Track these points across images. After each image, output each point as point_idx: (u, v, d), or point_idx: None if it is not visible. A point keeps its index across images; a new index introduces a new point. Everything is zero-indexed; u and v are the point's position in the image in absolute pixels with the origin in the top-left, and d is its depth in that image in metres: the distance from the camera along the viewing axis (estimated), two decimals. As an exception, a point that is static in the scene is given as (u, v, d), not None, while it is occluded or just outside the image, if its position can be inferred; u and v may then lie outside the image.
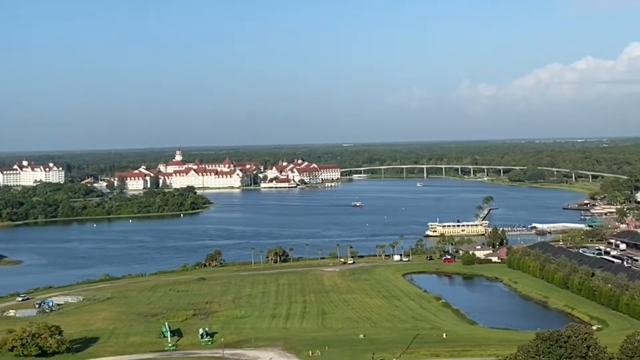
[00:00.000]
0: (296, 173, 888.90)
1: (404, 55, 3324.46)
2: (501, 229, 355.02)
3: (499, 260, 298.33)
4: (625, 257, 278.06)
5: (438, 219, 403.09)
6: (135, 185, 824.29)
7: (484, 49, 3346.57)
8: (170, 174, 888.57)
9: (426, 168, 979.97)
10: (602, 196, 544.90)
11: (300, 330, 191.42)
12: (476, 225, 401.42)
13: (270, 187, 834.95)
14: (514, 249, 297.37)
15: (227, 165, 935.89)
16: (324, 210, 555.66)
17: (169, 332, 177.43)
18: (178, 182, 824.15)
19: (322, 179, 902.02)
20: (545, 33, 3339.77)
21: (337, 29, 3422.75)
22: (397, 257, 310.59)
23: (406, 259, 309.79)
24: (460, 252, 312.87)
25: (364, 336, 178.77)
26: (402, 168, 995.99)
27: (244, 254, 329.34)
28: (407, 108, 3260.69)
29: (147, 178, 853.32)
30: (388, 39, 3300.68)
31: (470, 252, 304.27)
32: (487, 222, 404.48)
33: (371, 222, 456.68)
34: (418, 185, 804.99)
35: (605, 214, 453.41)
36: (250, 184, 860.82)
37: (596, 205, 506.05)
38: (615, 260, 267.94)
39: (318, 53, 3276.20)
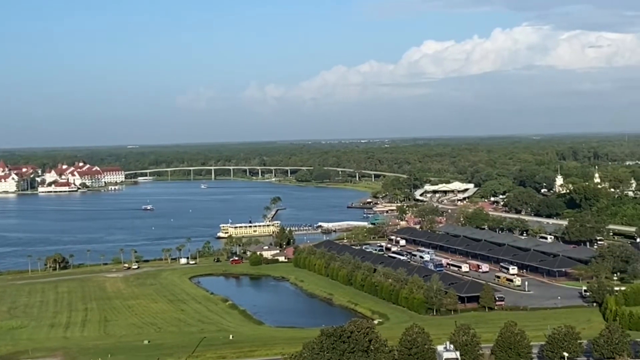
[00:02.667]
0: (77, 176, 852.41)
1: (192, 55, 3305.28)
2: (288, 228, 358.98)
3: (286, 260, 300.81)
4: (405, 253, 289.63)
5: (230, 221, 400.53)
6: None
7: (273, 50, 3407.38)
8: None
9: (214, 170, 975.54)
10: (383, 195, 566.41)
11: (81, 339, 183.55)
12: (268, 225, 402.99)
13: (49, 192, 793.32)
14: (301, 248, 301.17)
15: (1, 169, 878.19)
16: (108, 215, 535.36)
17: None
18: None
19: (105, 182, 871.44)
20: (332, 36, 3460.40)
21: (125, 28, 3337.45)
22: (184, 261, 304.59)
23: (193, 262, 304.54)
24: (248, 253, 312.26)
25: (149, 342, 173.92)
26: (190, 170, 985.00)
27: (19, 262, 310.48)
28: (195, 109, 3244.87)
29: None
30: (176, 39, 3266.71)
31: (258, 253, 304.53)
32: (279, 222, 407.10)
33: (157, 225, 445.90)
34: (202, 187, 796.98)
35: (387, 211, 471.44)
36: (27, 189, 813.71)
37: (378, 204, 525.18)
38: (396, 256, 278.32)
39: (98, 49, 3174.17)
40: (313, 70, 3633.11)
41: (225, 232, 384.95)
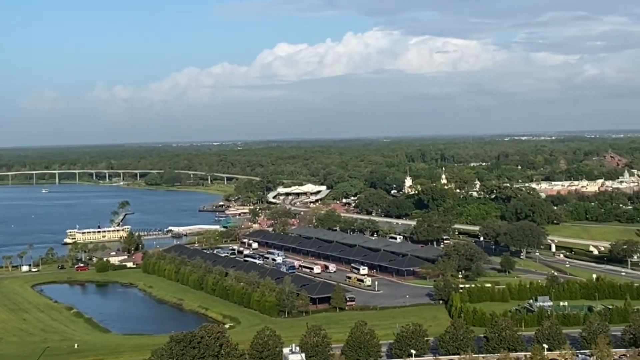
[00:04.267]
0: None
1: (34, 54, 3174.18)
2: (137, 233, 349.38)
3: (135, 266, 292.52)
4: (257, 255, 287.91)
5: (77, 226, 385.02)
6: None
7: (121, 50, 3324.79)
8: None
9: (58, 173, 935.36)
10: (236, 197, 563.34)
11: None
12: (118, 230, 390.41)
13: None
14: (150, 254, 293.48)
15: None
16: None
17: None
18: None
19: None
20: (183, 38, 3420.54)
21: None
22: (25, 268, 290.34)
23: (36, 269, 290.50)
24: (95, 259, 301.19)
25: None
26: (32, 174, 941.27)
27: None
28: (39, 110, 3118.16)
29: None
30: (19, 37, 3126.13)
31: (105, 259, 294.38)
32: (129, 227, 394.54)
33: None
34: (43, 191, 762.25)
35: (239, 214, 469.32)
36: None
37: (231, 207, 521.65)
38: (248, 259, 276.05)
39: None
40: (163, 72, 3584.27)
41: (72, 238, 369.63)
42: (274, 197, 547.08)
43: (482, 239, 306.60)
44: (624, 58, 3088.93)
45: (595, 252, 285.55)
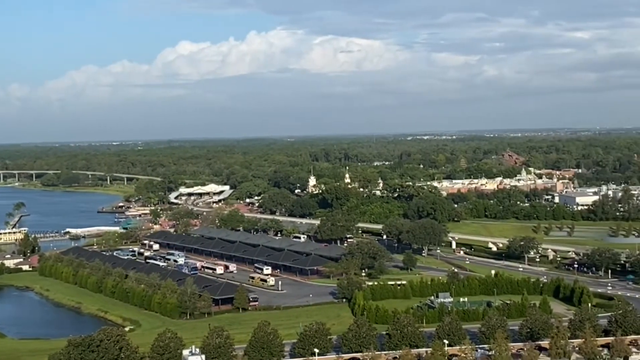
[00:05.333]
0: None
1: None
2: (33, 235, 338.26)
3: (31, 269, 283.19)
4: (159, 257, 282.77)
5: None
6: None
7: (15, 47, 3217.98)
8: None
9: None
10: (136, 198, 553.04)
11: None
12: (13, 232, 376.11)
13: None
14: (47, 256, 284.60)
15: None
16: None
17: None
18: None
19: None
20: (81, 34, 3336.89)
21: None
22: None
23: None
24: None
25: None
26: None
27: None
28: None
29: None
30: None
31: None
32: (25, 229, 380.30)
33: None
34: None
35: (140, 215, 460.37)
36: None
37: (131, 208, 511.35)
38: (149, 261, 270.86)
39: None
40: (60, 70, 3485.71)
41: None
42: (175, 198, 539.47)
43: (385, 237, 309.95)
44: (521, 59, 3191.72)
45: (494, 248, 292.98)
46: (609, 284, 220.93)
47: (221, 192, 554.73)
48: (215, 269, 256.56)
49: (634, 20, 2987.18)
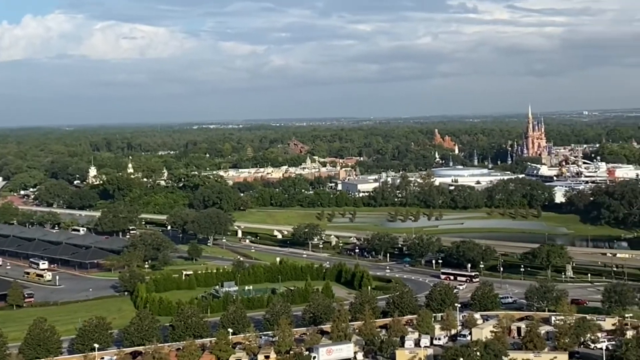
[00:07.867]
0: None
1: None
2: None
3: None
4: None
5: None
6: None
7: None
8: None
9: None
10: None
11: None
12: None
13: None
14: None
15: None
16: None
17: None
18: None
19: None
20: None
21: None
22: None
23: None
24: None
25: None
26: None
27: None
28: None
29: None
30: None
31: None
32: None
33: None
34: None
35: None
36: None
37: None
38: None
39: None
40: None
41: None
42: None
43: (169, 227, 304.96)
44: (307, 49, 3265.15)
45: (279, 236, 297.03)
46: (388, 267, 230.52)
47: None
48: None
49: (412, 14, 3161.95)
